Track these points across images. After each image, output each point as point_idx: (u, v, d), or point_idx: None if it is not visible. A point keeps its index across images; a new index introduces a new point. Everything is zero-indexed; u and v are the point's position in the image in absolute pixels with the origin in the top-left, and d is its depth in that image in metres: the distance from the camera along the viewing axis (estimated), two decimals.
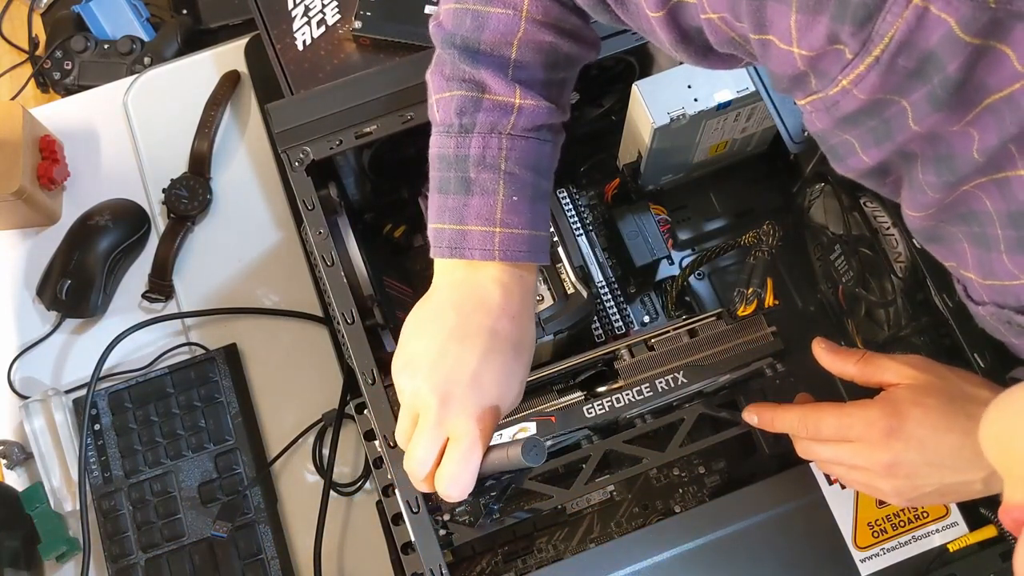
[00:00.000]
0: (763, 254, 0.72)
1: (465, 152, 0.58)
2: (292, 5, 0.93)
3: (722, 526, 0.63)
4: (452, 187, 0.59)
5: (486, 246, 0.58)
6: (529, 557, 0.76)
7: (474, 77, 0.59)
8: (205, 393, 0.84)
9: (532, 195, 0.59)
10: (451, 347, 0.57)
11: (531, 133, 0.60)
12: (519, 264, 0.59)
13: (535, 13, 0.59)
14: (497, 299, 0.58)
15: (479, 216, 0.58)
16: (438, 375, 0.57)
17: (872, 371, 0.57)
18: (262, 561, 0.80)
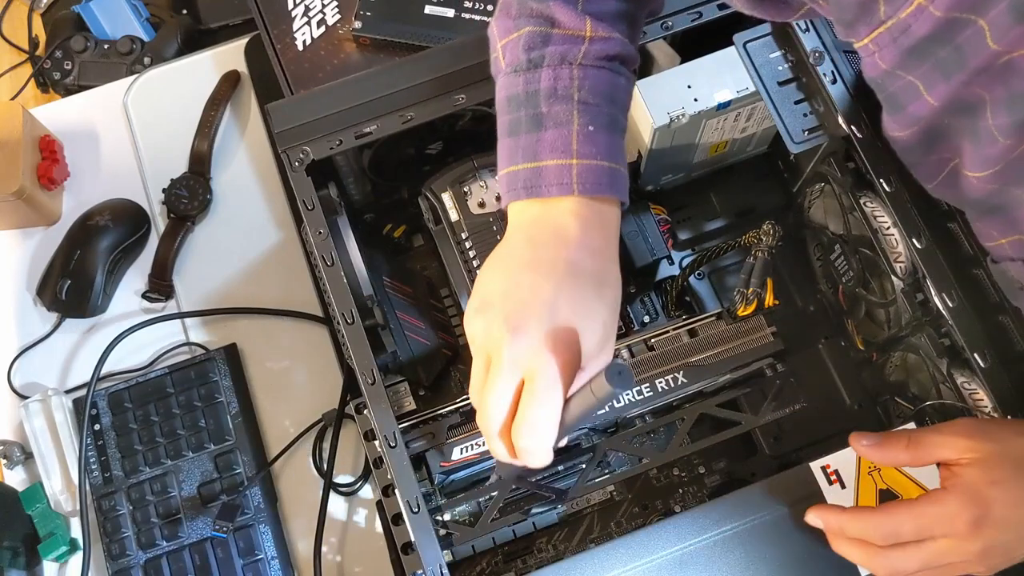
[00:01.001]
0: (763, 254, 0.72)
1: (535, 87, 0.55)
2: (292, 5, 0.93)
3: (722, 526, 0.63)
4: (524, 126, 0.55)
5: (563, 180, 0.53)
6: (529, 557, 0.76)
7: (543, 12, 0.56)
8: (205, 393, 0.84)
9: (608, 124, 0.55)
10: (524, 277, 0.53)
11: (604, 63, 0.56)
12: (599, 198, 0.54)
13: None
14: (575, 231, 0.53)
15: (554, 149, 0.54)
16: (510, 305, 0.52)
17: (925, 453, 0.54)
18: (262, 561, 0.80)
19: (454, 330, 0.84)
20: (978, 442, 0.52)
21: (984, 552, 0.51)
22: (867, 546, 0.55)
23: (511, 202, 0.56)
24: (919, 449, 0.54)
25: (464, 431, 0.71)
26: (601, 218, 0.55)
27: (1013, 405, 0.62)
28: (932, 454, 0.54)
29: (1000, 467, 0.51)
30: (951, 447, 0.53)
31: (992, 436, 0.53)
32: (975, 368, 0.63)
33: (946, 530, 0.51)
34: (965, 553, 0.51)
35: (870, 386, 0.79)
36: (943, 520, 0.52)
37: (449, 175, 0.74)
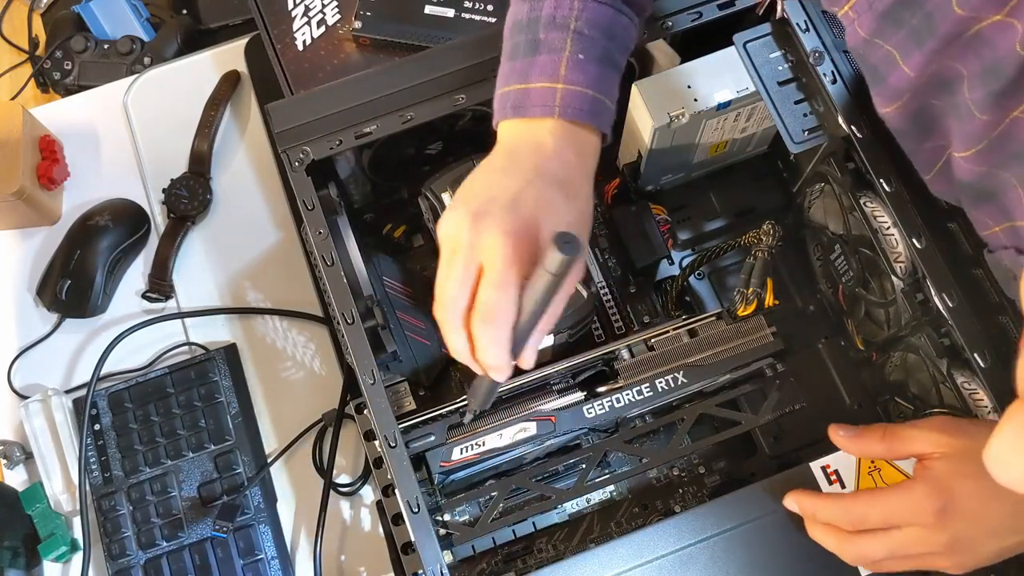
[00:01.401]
0: (763, 254, 0.72)
1: (537, 14, 0.58)
2: (292, 5, 0.93)
3: (722, 526, 0.63)
4: (521, 50, 0.58)
5: (547, 102, 0.56)
6: (529, 557, 0.76)
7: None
8: (205, 393, 0.84)
9: (600, 56, 0.57)
10: (494, 177, 0.55)
11: None
12: (580, 124, 0.56)
13: None
14: (551, 146, 0.56)
15: (543, 73, 0.56)
16: (477, 199, 0.54)
17: (899, 445, 0.56)
18: (262, 561, 0.80)
19: None
20: (951, 437, 0.54)
21: (950, 544, 0.52)
22: (838, 531, 0.57)
23: (500, 121, 0.58)
24: (894, 442, 0.56)
25: (464, 431, 0.71)
26: (578, 141, 0.57)
27: None
28: (906, 447, 0.55)
29: (969, 462, 0.52)
30: (924, 441, 0.54)
31: (965, 432, 0.55)
32: (975, 368, 0.63)
33: (912, 518, 0.53)
34: (931, 543, 0.53)
35: (870, 386, 0.79)
36: (909, 508, 0.53)
37: (449, 175, 0.74)
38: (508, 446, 0.71)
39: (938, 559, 0.54)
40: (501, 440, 0.71)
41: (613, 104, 0.59)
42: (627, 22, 0.60)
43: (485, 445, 0.71)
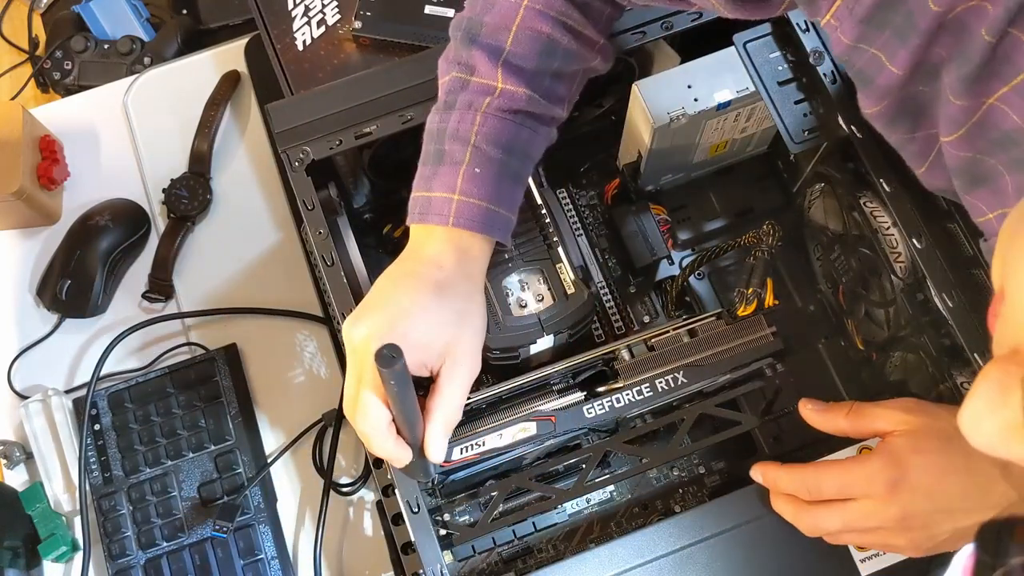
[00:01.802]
0: (763, 254, 0.72)
1: (444, 125, 0.63)
2: (292, 5, 0.93)
3: (722, 526, 0.63)
4: (430, 158, 0.63)
5: (443, 211, 0.61)
6: (529, 557, 0.76)
7: (467, 60, 0.63)
8: (205, 393, 0.84)
9: (498, 172, 0.61)
10: (380, 283, 0.61)
11: (507, 115, 0.63)
12: (471, 233, 0.61)
13: (535, 3, 0.62)
14: (430, 251, 0.61)
15: (443, 184, 0.61)
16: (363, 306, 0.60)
17: (863, 422, 0.57)
18: (262, 561, 0.80)
19: None
20: (913, 416, 0.55)
21: (902, 520, 0.53)
22: (796, 502, 0.59)
23: (408, 223, 0.63)
24: (858, 419, 0.57)
25: (464, 431, 0.71)
26: (467, 251, 0.62)
27: None
28: (870, 425, 0.56)
29: (926, 439, 0.53)
30: (887, 419, 0.56)
31: (928, 413, 0.56)
32: (975, 368, 0.63)
33: (865, 489, 0.54)
34: (883, 517, 0.53)
35: (870, 386, 0.79)
36: (864, 479, 0.54)
37: None
38: (508, 446, 0.71)
39: (892, 536, 0.54)
40: (501, 440, 0.71)
41: (511, 211, 0.63)
42: (527, 135, 0.64)
43: (485, 445, 0.71)
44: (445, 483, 0.73)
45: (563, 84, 0.66)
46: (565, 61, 0.65)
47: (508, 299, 0.70)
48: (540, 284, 0.70)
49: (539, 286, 0.70)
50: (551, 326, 0.69)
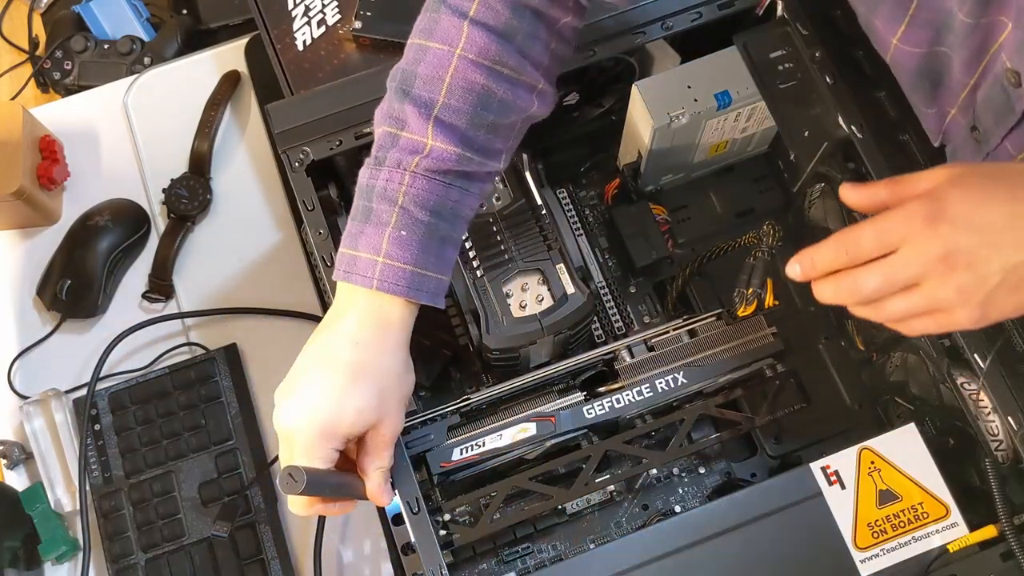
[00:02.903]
0: (763, 254, 0.72)
1: (373, 183, 0.61)
2: (292, 5, 0.93)
3: (722, 526, 0.63)
4: (359, 214, 0.61)
5: (367, 273, 0.59)
6: (529, 557, 0.76)
7: (399, 114, 0.61)
8: (205, 393, 0.84)
9: (425, 235, 0.60)
10: (298, 361, 0.60)
11: (436, 175, 0.60)
12: (395, 297, 0.60)
13: (468, 51, 0.60)
14: (348, 323, 0.60)
15: (368, 244, 0.60)
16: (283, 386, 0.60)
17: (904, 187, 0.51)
18: (262, 561, 0.80)
19: (454, 330, 0.84)
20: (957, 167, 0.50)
21: (946, 259, 0.48)
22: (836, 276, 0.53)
23: (334, 279, 0.62)
24: (898, 184, 0.52)
25: (464, 431, 0.72)
26: (388, 319, 0.61)
27: (1013, 405, 0.62)
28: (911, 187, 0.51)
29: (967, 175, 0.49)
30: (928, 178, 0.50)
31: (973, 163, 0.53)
32: (975, 368, 0.63)
33: (903, 231, 0.49)
34: (925, 258, 0.48)
35: (870, 386, 0.79)
36: (901, 220, 0.49)
37: None
38: (508, 446, 0.71)
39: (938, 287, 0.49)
40: (501, 440, 0.71)
41: (441, 272, 0.62)
42: (460, 194, 0.62)
43: (485, 445, 0.71)
44: (445, 483, 0.73)
45: (499, 137, 0.63)
46: (501, 113, 0.62)
47: (508, 299, 0.70)
48: (540, 284, 0.70)
49: (539, 287, 0.70)
50: (551, 326, 0.70)
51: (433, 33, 0.60)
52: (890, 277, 0.50)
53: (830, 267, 0.52)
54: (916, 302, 0.50)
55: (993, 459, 0.64)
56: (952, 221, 0.48)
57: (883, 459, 0.64)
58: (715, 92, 0.73)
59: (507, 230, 0.71)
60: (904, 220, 0.49)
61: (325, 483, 0.58)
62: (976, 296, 0.48)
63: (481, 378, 0.82)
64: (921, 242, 0.48)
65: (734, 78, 0.73)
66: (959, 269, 0.48)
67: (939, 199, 0.48)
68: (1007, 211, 0.47)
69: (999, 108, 0.55)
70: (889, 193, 0.52)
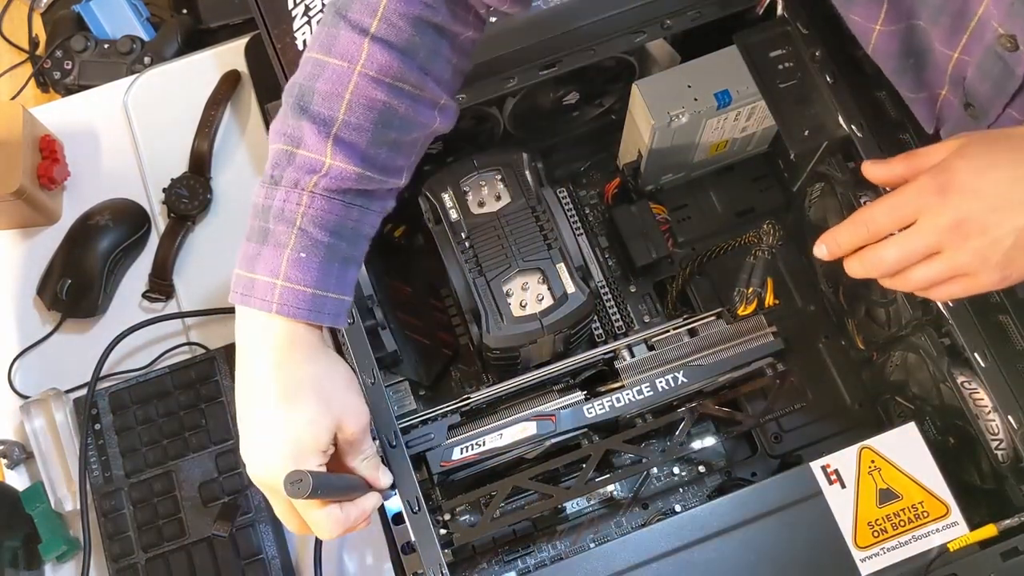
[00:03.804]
0: (763, 254, 0.72)
1: (269, 203, 0.58)
2: (292, 5, 0.93)
3: (722, 526, 0.63)
4: (255, 236, 0.59)
5: (267, 296, 0.58)
6: (529, 557, 0.76)
7: (295, 131, 0.58)
8: (206, 393, 0.84)
9: (325, 256, 0.59)
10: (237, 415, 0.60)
11: (335, 195, 0.59)
12: (298, 320, 0.58)
13: (369, 68, 0.58)
14: (259, 354, 0.59)
15: (266, 267, 0.58)
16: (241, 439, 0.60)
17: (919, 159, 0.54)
18: (262, 561, 0.80)
19: (454, 330, 0.84)
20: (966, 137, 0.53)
21: (958, 227, 0.50)
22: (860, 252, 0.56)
23: (231, 301, 0.60)
24: (916, 157, 0.54)
25: (464, 431, 0.72)
26: (293, 333, 0.59)
27: (1013, 405, 0.62)
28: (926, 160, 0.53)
29: (972, 144, 0.52)
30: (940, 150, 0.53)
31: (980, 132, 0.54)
32: (975, 368, 0.63)
33: (916, 204, 0.52)
34: (938, 228, 0.51)
35: (870, 386, 0.79)
36: (913, 193, 0.52)
37: (449, 175, 0.74)
38: (508, 446, 0.71)
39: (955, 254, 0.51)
40: (501, 440, 0.71)
41: (342, 293, 0.61)
42: (360, 213, 0.61)
43: (485, 445, 0.71)
44: (445, 482, 0.73)
45: (401, 154, 0.62)
46: (403, 130, 0.61)
47: (508, 299, 0.70)
48: (540, 284, 0.70)
49: (539, 286, 0.70)
50: (551, 325, 0.70)
51: (332, 49, 0.59)
52: (908, 247, 0.53)
53: (853, 244, 0.55)
54: (939, 269, 0.52)
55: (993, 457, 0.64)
56: (960, 189, 0.50)
57: (883, 458, 0.64)
58: (715, 91, 0.73)
59: (507, 230, 0.71)
60: (916, 193, 0.52)
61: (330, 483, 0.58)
62: (994, 257, 0.51)
63: (481, 377, 0.82)
64: (933, 212, 0.51)
65: (734, 77, 0.73)
66: (973, 235, 0.50)
67: (947, 170, 0.51)
68: (1012, 175, 0.50)
69: (998, 76, 0.56)
70: (906, 168, 0.55)
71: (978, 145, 0.52)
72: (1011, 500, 0.65)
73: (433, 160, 0.81)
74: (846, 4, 0.61)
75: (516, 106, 0.77)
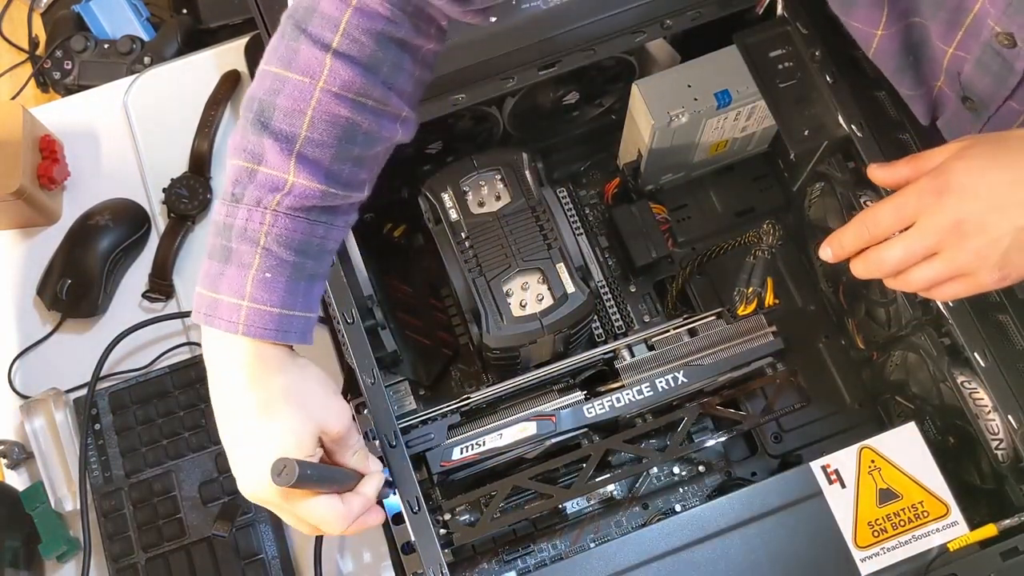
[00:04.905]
0: (763, 254, 0.72)
1: (231, 221, 0.57)
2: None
3: (722, 526, 0.63)
4: (217, 254, 0.58)
5: (232, 318, 0.57)
6: (529, 557, 0.76)
7: (256, 147, 0.57)
8: (206, 393, 0.84)
9: (291, 275, 0.58)
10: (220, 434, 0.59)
11: (299, 213, 0.57)
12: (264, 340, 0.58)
13: (332, 84, 0.57)
14: (230, 375, 0.58)
15: (230, 287, 0.57)
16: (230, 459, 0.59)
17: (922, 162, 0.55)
18: (262, 561, 0.80)
19: (454, 330, 0.84)
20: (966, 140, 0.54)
21: (957, 227, 0.52)
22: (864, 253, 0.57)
23: (193, 320, 0.59)
24: (919, 160, 0.56)
25: (464, 431, 0.71)
26: (263, 355, 0.58)
27: (1013, 405, 0.62)
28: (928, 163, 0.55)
29: (970, 147, 0.53)
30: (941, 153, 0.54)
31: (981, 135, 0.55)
32: (975, 367, 0.63)
33: (916, 206, 0.53)
34: (938, 228, 0.52)
35: (870, 385, 0.80)
36: (914, 195, 0.53)
37: (449, 175, 0.74)
38: (508, 446, 0.71)
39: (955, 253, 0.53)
40: (501, 440, 0.71)
41: (308, 311, 0.60)
42: (325, 229, 0.59)
43: (485, 445, 0.71)
44: (445, 482, 0.73)
45: (364, 168, 0.61)
46: (366, 145, 0.60)
47: (508, 299, 0.70)
48: (540, 284, 0.70)
49: (539, 286, 0.70)
50: (551, 325, 0.70)
51: (292, 63, 0.57)
52: (909, 248, 0.54)
53: (856, 246, 0.57)
54: (939, 269, 0.54)
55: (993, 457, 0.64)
56: (959, 191, 0.52)
57: (883, 458, 0.64)
58: (715, 91, 0.73)
59: (507, 229, 0.71)
60: (916, 196, 0.53)
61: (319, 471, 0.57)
62: (992, 257, 0.52)
63: (481, 377, 0.82)
64: (933, 214, 0.52)
65: (734, 77, 0.73)
66: (971, 235, 0.52)
67: (946, 171, 0.52)
68: (1009, 177, 0.51)
69: (997, 72, 0.57)
70: (910, 170, 0.56)
71: (978, 147, 0.53)
72: (1011, 500, 0.65)
73: (433, 160, 0.81)
74: (847, 12, 0.61)
75: (516, 106, 0.77)
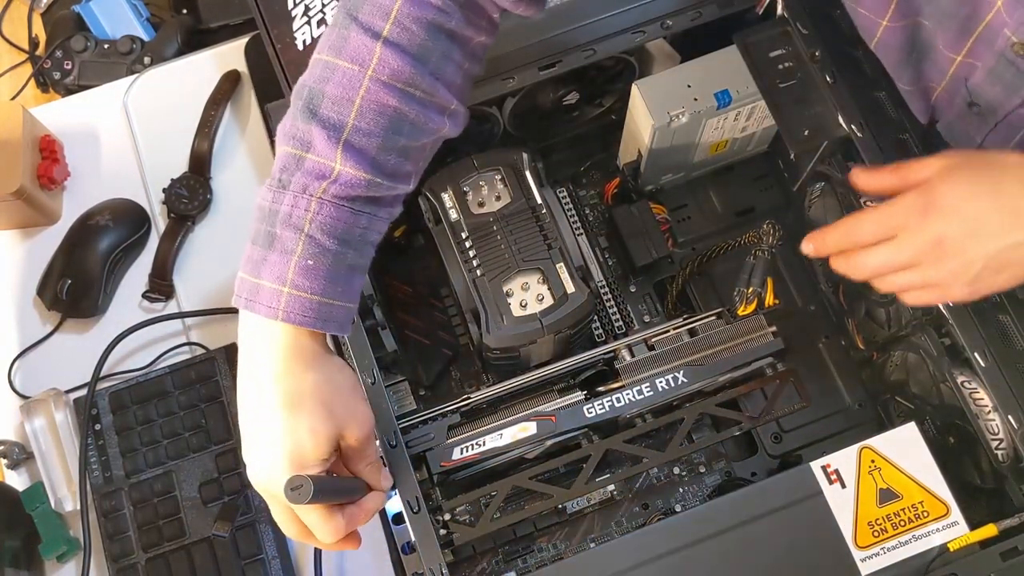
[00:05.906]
0: (763, 254, 0.72)
1: (277, 207, 0.58)
2: (292, 5, 0.93)
3: (722, 526, 0.63)
4: (260, 240, 0.58)
5: (272, 304, 0.57)
6: (529, 557, 0.76)
7: (305, 135, 0.58)
8: (206, 393, 0.84)
9: (333, 264, 0.58)
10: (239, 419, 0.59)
11: (344, 202, 0.58)
12: (303, 328, 0.58)
13: (381, 73, 0.57)
14: (262, 363, 0.58)
15: (272, 273, 0.57)
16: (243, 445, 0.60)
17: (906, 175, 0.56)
18: (262, 561, 0.80)
19: (454, 330, 0.84)
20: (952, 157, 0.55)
21: (937, 245, 0.54)
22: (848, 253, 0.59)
23: (234, 304, 0.59)
24: (903, 170, 0.57)
25: (464, 431, 0.72)
26: (298, 341, 0.58)
27: (1013, 405, 0.62)
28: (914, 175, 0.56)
29: (957, 169, 0.54)
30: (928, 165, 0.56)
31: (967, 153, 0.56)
32: (975, 368, 0.63)
33: (901, 220, 0.55)
34: (919, 243, 0.54)
35: (870, 386, 0.80)
36: (900, 210, 0.55)
37: (449, 175, 0.74)
38: (508, 445, 0.71)
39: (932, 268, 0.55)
40: (501, 440, 0.71)
41: (348, 301, 0.60)
42: (369, 220, 0.60)
43: (485, 445, 0.71)
44: (445, 482, 0.73)
45: (410, 160, 0.61)
46: (412, 135, 0.60)
47: (508, 299, 0.70)
48: (540, 284, 0.70)
49: (539, 286, 0.70)
50: (551, 325, 0.70)
51: (342, 51, 0.58)
52: (890, 259, 0.56)
53: (837, 248, 0.59)
54: (914, 279, 0.57)
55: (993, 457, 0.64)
56: (941, 212, 0.53)
57: (883, 458, 0.64)
58: (715, 91, 0.73)
59: (507, 229, 0.71)
60: (902, 211, 0.55)
61: (331, 487, 0.58)
62: (965, 276, 0.55)
63: (481, 377, 0.82)
64: (916, 231, 0.54)
65: (734, 77, 0.73)
66: (949, 255, 0.54)
67: (932, 191, 0.54)
68: (990, 204, 0.53)
69: (1010, 81, 0.58)
70: (894, 180, 0.57)
71: (963, 171, 0.54)
72: (1011, 500, 0.65)
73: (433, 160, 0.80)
74: None
75: (516, 106, 0.77)
